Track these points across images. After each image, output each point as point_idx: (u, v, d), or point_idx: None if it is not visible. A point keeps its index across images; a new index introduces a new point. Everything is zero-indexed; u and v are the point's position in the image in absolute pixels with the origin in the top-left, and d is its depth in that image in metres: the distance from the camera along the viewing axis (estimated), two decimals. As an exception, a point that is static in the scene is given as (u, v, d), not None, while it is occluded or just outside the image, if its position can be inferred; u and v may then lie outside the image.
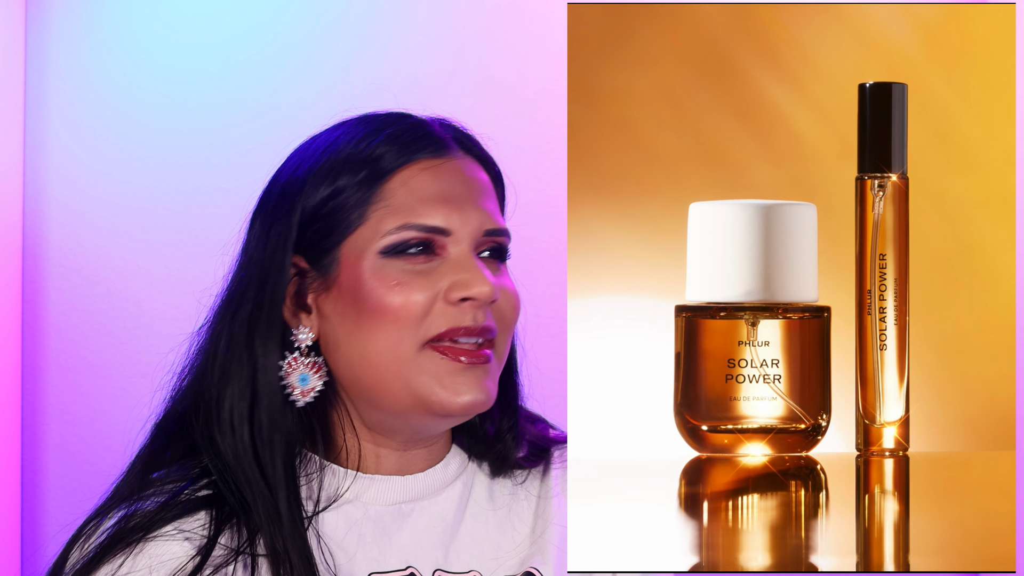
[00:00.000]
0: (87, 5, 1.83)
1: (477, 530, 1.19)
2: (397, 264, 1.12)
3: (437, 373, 1.11)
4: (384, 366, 1.11)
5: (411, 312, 1.11)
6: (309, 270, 1.15)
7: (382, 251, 1.12)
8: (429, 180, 1.15)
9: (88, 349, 1.82)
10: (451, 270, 1.13)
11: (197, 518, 1.11)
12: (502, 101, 1.79)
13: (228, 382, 1.13)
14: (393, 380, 1.11)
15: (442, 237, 1.13)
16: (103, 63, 1.83)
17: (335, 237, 1.14)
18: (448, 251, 1.13)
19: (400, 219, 1.13)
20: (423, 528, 1.17)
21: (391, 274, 1.12)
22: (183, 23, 1.83)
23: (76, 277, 1.83)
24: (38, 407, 1.83)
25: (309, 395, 1.13)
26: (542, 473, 1.23)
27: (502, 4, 1.80)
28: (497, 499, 1.21)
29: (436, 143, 1.17)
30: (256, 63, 1.81)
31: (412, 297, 1.11)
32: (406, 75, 1.80)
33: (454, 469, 1.20)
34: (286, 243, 1.14)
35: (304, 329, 1.14)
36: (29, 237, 1.83)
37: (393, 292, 1.11)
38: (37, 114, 1.84)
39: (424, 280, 1.12)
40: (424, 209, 1.13)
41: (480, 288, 1.11)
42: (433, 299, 1.12)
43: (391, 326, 1.11)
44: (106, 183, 1.83)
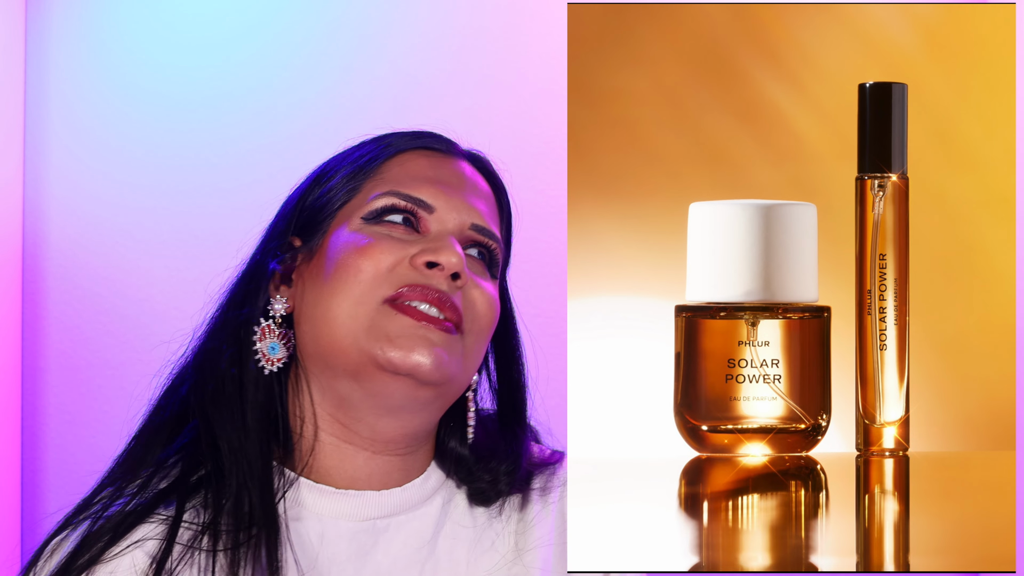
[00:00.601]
0: (87, 5, 1.83)
1: (454, 548, 1.17)
2: (375, 228, 1.13)
3: (388, 328, 1.10)
4: (341, 322, 1.11)
5: (375, 270, 1.11)
6: (301, 247, 1.16)
7: (365, 216, 1.14)
8: (425, 165, 1.17)
9: (88, 349, 1.82)
10: (424, 242, 1.13)
11: (151, 520, 1.09)
12: (502, 101, 1.79)
13: (221, 352, 1.14)
14: (347, 336, 1.11)
15: (424, 211, 1.14)
16: (103, 63, 1.83)
17: (327, 211, 1.16)
18: (429, 229, 1.14)
19: (386, 187, 1.15)
20: (399, 545, 1.15)
21: (363, 235, 1.13)
22: (183, 23, 1.83)
23: (76, 277, 1.83)
24: (38, 407, 1.83)
25: (276, 364, 1.14)
26: (520, 504, 1.21)
27: (502, 4, 1.80)
28: (477, 517, 1.19)
29: (445, 143, 1.20)
30: (256, 63, 1.81)
31: (378, 256, 1.12)
32: (406, 75, 1.80)
33: (433, 484, 1.18)
34: (282, 229, 1.17)
35: (281, 299, 1.15)
36: (29, 237, 1.83)
37: (362, 250, 1.12)
38: (37, 114, 1.84)
39: (394, 244, 1.12)
40: (414, 184, 1.15)
41: (448, 257, 1.11)
42: (398, 262, 1.12)
43: (353, 282, 1.11)
44: (106, 183, 1.83)
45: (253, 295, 1.16)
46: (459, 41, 1.80)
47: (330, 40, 1.81)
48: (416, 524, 1.16)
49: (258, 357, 1.14)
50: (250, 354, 1.14)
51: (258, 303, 1.16)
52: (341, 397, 1.13)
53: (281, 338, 1.15)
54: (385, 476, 1.15)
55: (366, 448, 1.14)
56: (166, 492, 1.11)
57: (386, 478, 1.15)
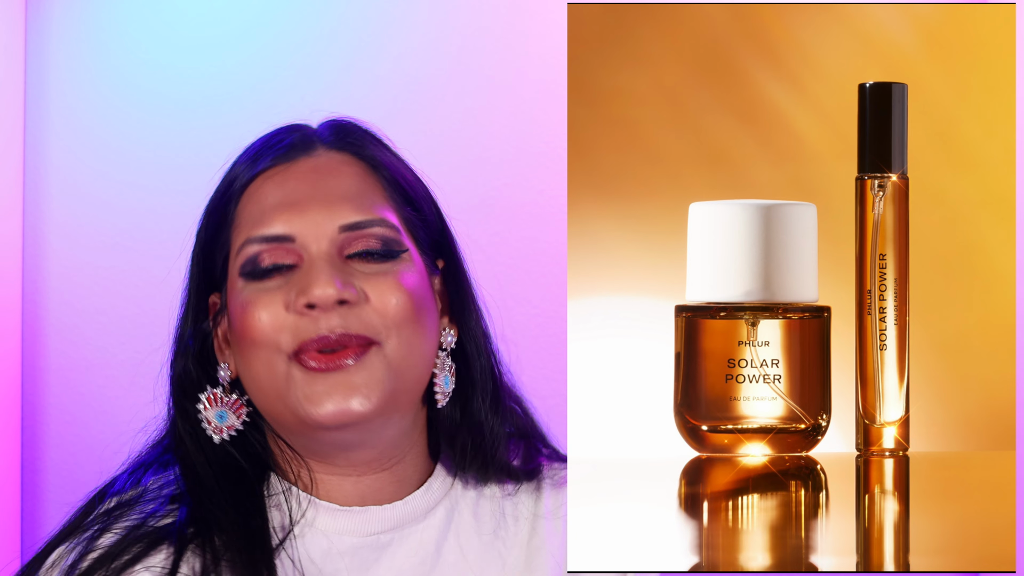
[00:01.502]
0: (87, 5, 1.83)
1: (462, 560, 1.15)
2: (253, 286, 1.09)
3: (303, 387, 1.07)
4: (265, 388, 1.09)
5: (264, 330, 1.07)
6: (221, 307, 1.14)
7: (241, 273, 1.10)
8: (271, 188, 1.11)
9: (88, 349, 1.82)
10: (299, 278, 1.08)
11: (159, 551, 1.07)
12: (502, 101, 1.79)
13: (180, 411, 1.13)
14: (276, 401, 1.09)
15: (288, 244, 1.09)
16: (103, 63, 1.83)
17: (220, 268, 1.13)
18: (302, 259, 1.09)
19: (244, 234, 1.10)
20: (403, 558, 1.13)
21: (248, 296, 1.09)
22: (183, 23, 1.83)
23: (76, 277, 1.83)
24: (38, 407, 1.83)
25: (225, 432, 1.11)
26: (534, 491, 1.19)
27: (502, 4, 1.80)
28: (483, 521, 1.17)
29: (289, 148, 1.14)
30: (256, 63, 1.81)
31: (260, 314, 1.08)
32: (406, 75, 1.80)
33: (437, 493, 1.16)
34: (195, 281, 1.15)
35: (223, 366, 1.13)
36: (29, 237, 1.83)
37: (247, 313, 1.08)
38: (37, 114, 1.84)
39: (273, 295, 1.08)
40: (265, 219, 1.10)
41: (321, 290, 1.06)
42: (280, 313, 1.08)
43: (254, 347, 1.08)
44: (106, 183, 1.83)
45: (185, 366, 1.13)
46: (459, 41, 1.80)
47: (330, 40, 1.81)
48: (420, 536, 1.14)
49: (206, 427, 1.11)
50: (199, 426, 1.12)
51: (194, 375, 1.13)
52: (303, 446, 1.12)
53: (231, 405, 1.12)
54: (379, 492, 1.13)
55: (349, 475, 1.13)
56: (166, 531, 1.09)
57: (381, 493, 1.14)
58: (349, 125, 1.16)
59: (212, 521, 1.08)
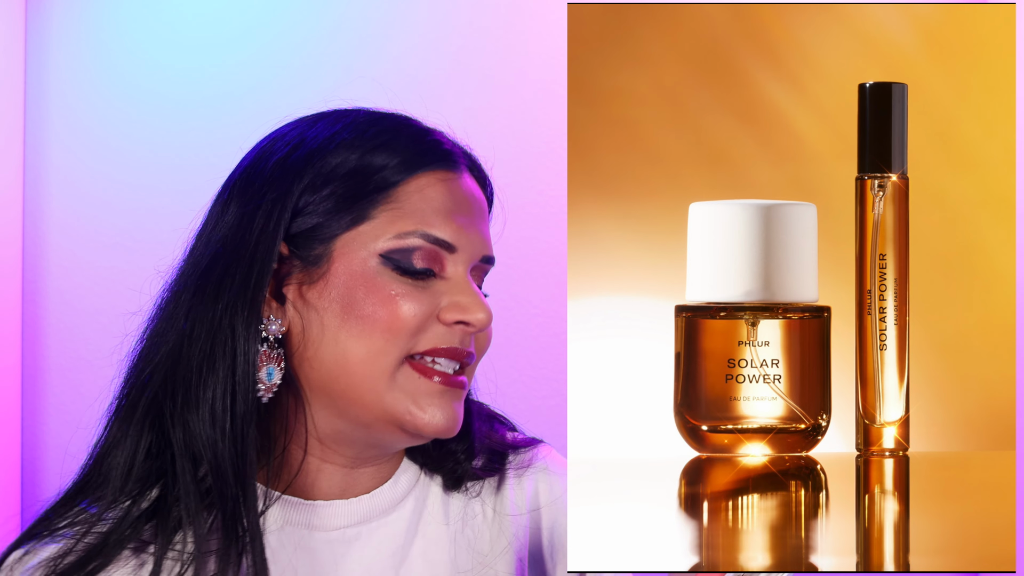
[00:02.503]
0: (87, 5, 1.83)
1: (430, 549, 1.16)
2: (397, 277, 1.08)
3: (413, 392, 1.08)
4: (361, 374, 1.07)
5: (404, 326, 1.07)
6: (292, 258, 1.09)
7: (384, 253, 1.08)
8: (444, 193, 1.11)
9: (88, 349, 1.82)
10: (449, 290, 1.10)
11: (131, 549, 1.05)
12: (502, 101, 1.79)
13: (213, 370, 1.05)
14: (368, 391, 1.07)
15: (446, 252, 1.10)
16: (103, 63, 1.83)
17: (332, 229, 1.08)
18: (447, 270, 1.10)
19: (411, 224, 1.09)
20: (372, 551, 1.13)
21: (388, 283, 1.08)
22: (183, 23, 1.83)
23: (76, 277, 1.83)
24: (38, 407, 1.83)
25: (271, 391, 1.08)
26: (496, 485, 1.21)
27: (502, 4, 1.80)
28: (451, 514, 1.18)
29: (448, 155, 1.13)
30: (256, 63, 1.82)
31: (408, 310, 1.07)
32: (406, 75, 1.80)
33: (404, 486, 1.17)
34: (276, 230, 1.07)
35: (276, 320, 1.08)
36: (29, 236, 1.83)
37: (389, 302, 1.07)
38: (37, 114, 1.84)
39: (423, 295, 1.08)
40: (436, 220, 1.09)
41: (477, 315, 1.09)
42: (428, 316, 1.08)
43: (379, 335, 1.07)
44: (106, 183, 1.83)
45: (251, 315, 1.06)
46: (459, 41, 1.81)
47: (330, 40, 1.82)
48: (388, 529, 1.14)
49: (259, 387, 1.07)
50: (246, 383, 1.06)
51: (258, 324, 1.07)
52: (337, 431, 1.11)
53: (275, 360, 1.08)
54: (357, 484, 1.14)
55: (345, 466, 1.13)
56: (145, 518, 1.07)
57: (358, 486, 1.14)
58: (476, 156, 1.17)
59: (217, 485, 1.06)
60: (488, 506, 1.20)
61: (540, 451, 1.24)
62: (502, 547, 1.18)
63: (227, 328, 1.06)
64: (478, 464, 1.20)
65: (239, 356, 1.06)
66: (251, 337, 1.06)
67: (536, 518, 1.21)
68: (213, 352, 1.06)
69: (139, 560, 1.06)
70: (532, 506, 1.21)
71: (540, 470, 1.22)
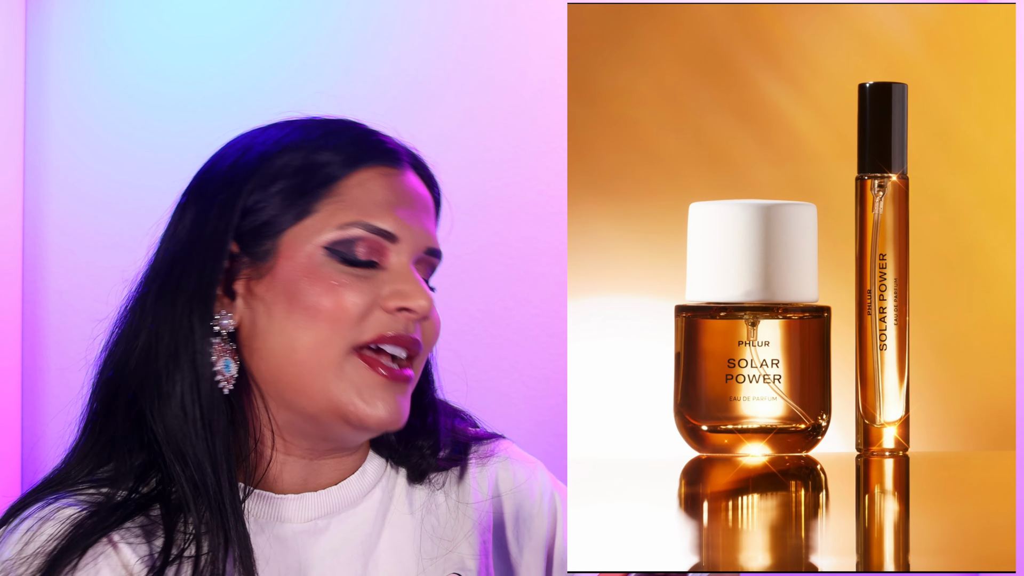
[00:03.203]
0: (87, 5, 1.84)
1: (397, 538, 1.18)
2: (341, 268, 1.11)
3: (359, 383, 1.10)
4: (307, 365, 1.10)
5: (347, 315, 1.10)
6: (241, 255, 1.12)
7: (328, 245, 1.11)
8: (385, 186, 1.14)
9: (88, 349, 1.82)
10: (392, 279, 1.12)
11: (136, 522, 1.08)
12: (502, 101, 1.79)
13: (178, 365, 1.10)
14: (313, 381, 1.10)
15: (388, 242, 1.12)
16: (103, 63, 1.83)
17: (277, 226, 1.12)
18: (390, 260, 1.12)
19: (352, 216, 1.12)
20: (340, 542, 1.15)
21: (331, 274, 1.10)
22: (183, 23, 1.83)
23: (76, 277, 1.83)
24: (38, 407, 1.83)
25: (231, 383, 1.11)
26: (459, 475, 1.23)
27: (502, 4, 1.80)
28: (416, 504, 1.20)
29: (390, 153, 1.16)
30: (256, 63, 1.82)
31: (351, 299, 1.10)
32: (406, 75, 1.80)
33: (371, 477, 1.19)
34: (226, 229, 1.11)
35: (227, 315, 1.11)
36: (29, 237, 1.83)
37: (332, 292, 1.10)
38: (37, 114, 1.84)
39: (364, 285, 1.11)
40: (377, 211, 1.12)
41: (419, 301, 1.11)
42: (371, 305, 1.11)
43: (323, 325, 1.09)
44: (106, 183, 1.83)
45: (205, 311, 1.10)
46: (459, 41, 1.81)
47: (330, 40, 1.82)
48: (356, 519, 1.16)
49: (218, 379, 1.11)
50: (208, 377, 1.10)
51: (212, 320, 1.11)
52: (290, 422, 1.13)
53: (230, 354, 1.12)
54: (320, 476, 1.16)
55: (303, 457, 1.15)
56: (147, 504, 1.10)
57: (321, 478, 1.16)
58: (421, 156, 1.20)
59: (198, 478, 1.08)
60: (451, 496, 1.22)
61: (501, 443, 1.27)
62: (465, 531, 1.20)
63: (187, 326, 1.11)
64: (442, 455, 1.22)
65: (199, 351, 1.10)
66: (207, 332, 1.10)
67: (498, 504, 1.23)
68: (177, 348, 1.10)
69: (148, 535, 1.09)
70: (494, 493, 1.23)
71: (501, 460, 1.25)
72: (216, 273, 1.11)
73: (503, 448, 1.26)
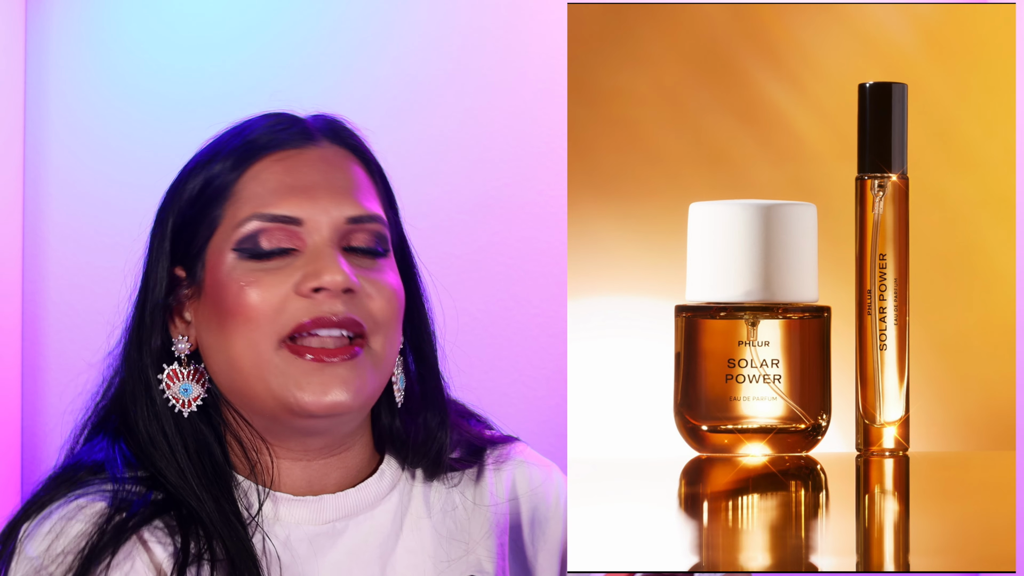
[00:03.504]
0: (87, 5, 1.83)
1: (414, 541, 1.17)
2: (250, 265, 1.10)
3: (293, 374, 1.09)
4: (247, 369, 1.10)
5: (263, 310, 1.09)
6: (185, 278, 1.14)
7: (236, 247, 1.11)
8: (280, 171, 1.13)
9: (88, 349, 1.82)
10: (304, 263, 1.10)
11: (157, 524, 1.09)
12: (502, 101, 1.79)
13: (136, 401, 1.13)
14: (256, 383, 1.10)
15: (293, 227, 1.11)
16: (103, 63, 1.83)
17: (200, 240, 1.13)
18: (305, 243, 1.11)
19: (248, 210, 1.11)
20: (359, 544, 1.14)
21: (244, 274, 1.10)
22: (183, 23, 1.83)
23: (76, 277, 1.83)
24: (38, 407, 1.83)
25: (193, 404, 1.12)
26: (475, 477, 1.22)
27: (502, 4, 1.80)
28: (432, 506, 1.19)
29: (296, 134, 1.15)
30: (256, 63, 1.81)
31: (262, 294, 1.09)
32: (406, 75, 1.80)
33: (389, 479, 1.18)
34: (160, 253, 1.14)
35: (182, 339, 1.13)
36: (29, 237, 1.83)
37: (244, 291, 1.09)
38: (37, 114, 1.84)
39: (275, 276, 1.10)
40: (273, 199, 1.11)
41: (331, 276, 1.08)
42: (286, 294, 1.09)
43: (246, 327, 1.09)
44: (106, 183, 1.83)
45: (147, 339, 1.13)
46: (459, 41, 1.80)
47: (330, 40, 1.81)
48: (374, 522, 1.16)
49: (172, 404, 1.12)
50: (163, 404, 1.12)
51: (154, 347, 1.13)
52: (266, 427, 1.13)
53: (193, 376, 1.13)
54: (325, 478, 1.16)
55: (299, 459, 1.15)
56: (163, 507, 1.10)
57: (327, 479, 1.16)
58: (342, 122, 1.18)
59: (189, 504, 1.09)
60: (468, 498, 1.21)
61: (517, 446, 1.26)
62: (482, 534, 1.20)
63: (136, 358, 1.14)
64: (456, 456, 1.22)
65: (151, 381, 1.13)
66: (152, 364, 1.13)
67: (515, 507, 1.23)
68: (133, 384, 1.13)
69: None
70: (511, 495, 1.23)
71: (518, 463, 1.24)
72: (155, 305, 1.13)
73: (519, 451, 1.26)
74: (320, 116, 1.18)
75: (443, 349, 1.22)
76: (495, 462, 1.24)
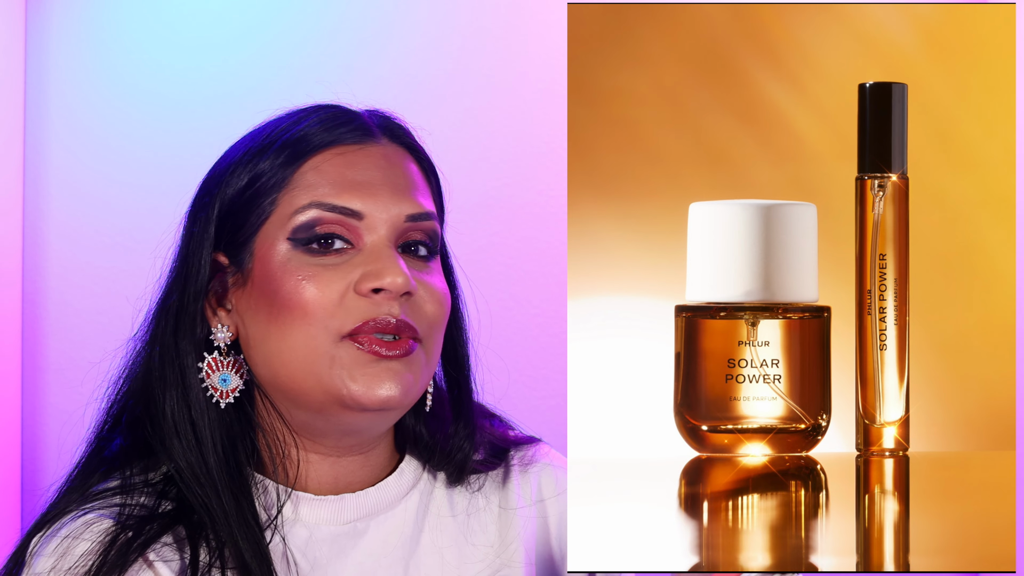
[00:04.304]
0: (87, 5, 1.83)
1: (438, 540, 1.17)
2: (307, 258, 1.09)
3: (350, 366, 1.07)
4: (298, 363, 1.08)
5: (322, 305, 1.08)
6: (228, 266, 1.12)
7: (291, 236, 1.09)
8: (341, 165, 1.11)
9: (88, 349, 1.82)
10: (363, 261, 1.09)
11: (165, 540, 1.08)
12: (502, 101, 1.79)
13: (166, 388, 1.10)
14: (307, 377, 1.08)
15: (354, 221, 1.09)
16: (103, 63, 1.83)
17: (249, 228, 1.11)
18: (363, 241, 1.10)
19: (306, 198, 1.09)
20: (381, 543, 1.14)
21: (300, 268, 1.09)
22: (183, 23, 1.83)
23: (76, 277, 1.83)
24: (38, 407, 1.83)
25: (231, 395, 1.11)
26: (502, 479, 1.22)
27: (502, 4, 1.80)
28: (457, 506, 1.19)
29: (357, 130, 1.13)
30: (256, 63, 1.81)
31: (322, 291, 1.08)
32: (406, 75, 1.80)
33: (409, 479, 1.17)
34: (203, 239, 1.12)
35: (222, 328, 1.11)
36: (29, 237, 1.83)
37: (303, 286, 1.08)
38: (37, 114, 1.84)
39: (334, 273, 1.08)
40: (334, 190, 1.10)
41: (392, 278, 1.07)
42: (344, 291, 1.08)
43: (303, 321, 1.08)
44: (106, 183, 1.83)
45: (185, 326, 1.11)
46: (459, 41, 1.80)
47: (330, 40, 1.81)
48: (396, 521, 1.15)
49: (210, 394, 1.11)
50: (198, 393, 1.10)
51: (192, 335, 1.11)
52: (304, 422, 1.12)
53: (231, 367, 1.12)
54: (352, 475, 1.15)
55: (329, 455, 1.14)
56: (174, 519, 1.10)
57: (353, 476, 1.15)
58: (398, 119, 1.17)
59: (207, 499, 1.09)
60: (493, 501, 1.20)
61: (542, 448, 1.25)
62: (511, 538, 1.19)
63: (172, 344, 1.11)
64: (479, 458, 1.21)
65: (188, 368, 1.11)
66: (192, 351, 1.11)
67: (542, 510, 1.22)
68: (164, 371, 1.11)
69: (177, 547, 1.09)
70: (537, 498, 1.22)
71: (544, 466, 1.23)
72: (197, 291, 1.11)
73: (543, 453, 1.25)
74: (376, 112, 1.16)
75: (477, 355, 1.21)
76: (520, 465, 1.23)
